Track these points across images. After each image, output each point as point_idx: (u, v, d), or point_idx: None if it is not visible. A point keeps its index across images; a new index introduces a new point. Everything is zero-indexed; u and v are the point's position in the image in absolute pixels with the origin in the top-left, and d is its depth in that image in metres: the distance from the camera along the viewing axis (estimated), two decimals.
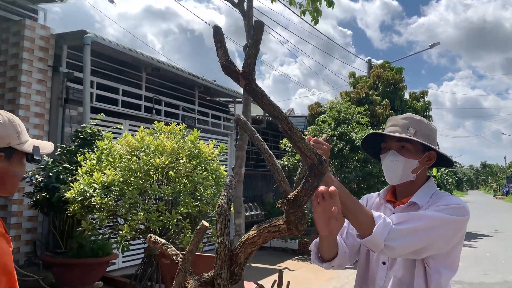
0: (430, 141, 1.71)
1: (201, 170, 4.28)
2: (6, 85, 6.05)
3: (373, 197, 1.88)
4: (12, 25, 6.10)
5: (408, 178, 1.70)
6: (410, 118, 1.73)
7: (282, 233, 1.31)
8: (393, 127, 1.73)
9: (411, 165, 1.69)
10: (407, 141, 1.68)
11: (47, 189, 4.72)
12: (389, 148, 1.73)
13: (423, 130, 1.70)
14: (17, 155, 1.39)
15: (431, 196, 1.69)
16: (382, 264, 1.70)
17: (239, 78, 1.16)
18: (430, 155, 1.72)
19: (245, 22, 3.98)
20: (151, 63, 7.51)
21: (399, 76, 15.60)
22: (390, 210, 1.73)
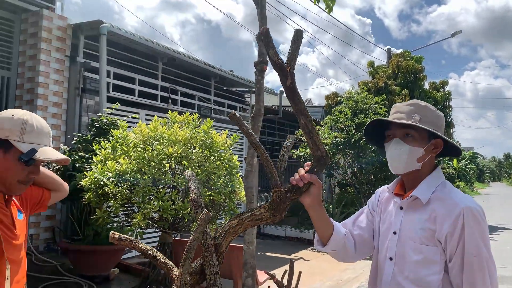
0: (437, 128, 1.63)
1: (214, 159, 4.29)
2: (25, 75, 6.15)
3: (384, 191, 1.82)
4: (30, 16, 6.19)
5: (414, 167, 1.63)
6: (415, 104, 1.66)
7: (265, 220, 1.47)
8: (398, 114, 1.65)
9: (416, 153, 1.61)
10: (411, 128, 1.61)
11: (64, 177, 4.81)
12: (394, 136, 1.65)
13: (429, 116, 1.63)
14: (14, 151, 1.42)
15: (435, 189, 1.61)
16: (389, 260, 1.65)
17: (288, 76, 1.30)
18: (436, 143, 1.64)
19: (258, 10, 3.94)
20: (167, 53, 7.54)
21: (419, 66, 15.31)
22: (397, 204, 1.68)
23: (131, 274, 5.67)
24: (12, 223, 1.51)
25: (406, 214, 1.63)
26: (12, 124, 1.42)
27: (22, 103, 6.12)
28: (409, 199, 1.63)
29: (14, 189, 1.49)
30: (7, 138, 1.41)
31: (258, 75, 3.91)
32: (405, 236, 1.61)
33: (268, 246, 9.37)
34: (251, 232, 4.03)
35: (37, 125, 1.47)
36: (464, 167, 37.96)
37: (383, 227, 1.71)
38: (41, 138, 1.47)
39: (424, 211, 1.59)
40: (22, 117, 1.45)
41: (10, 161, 1.43)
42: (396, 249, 1.62)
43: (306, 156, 10.36)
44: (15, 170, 1.44)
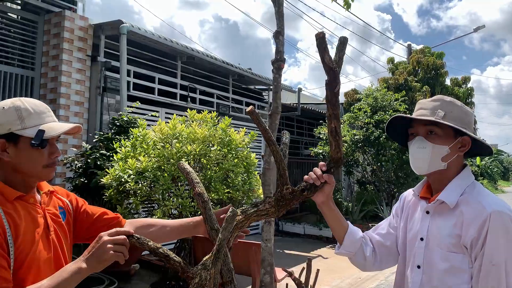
0: (464, 124, 1.51)
1: (232, 157, 4.33)
2: (48, 74, 6.31)
3: (410, 195, 1.71)
4: (53, 17, 6.33)
5: (438, 167, 1.52)
6: (440, 99, 1.55)
7: (270, 216, 1.51)
8: (421, 111, 1.55)
9: (441, 152, 1.50)
10: (434, 125, 1.50)
11: (86, 175, 4.93)
12: (416, 133, 1.55)
13: (455, 112, 1.51)
14: (24, 140, 1.36)
15: (463, 191, 1.50)
16: (416, 268, 1.55)
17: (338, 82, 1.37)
18: (463, 141, 1.52)
19: (275, 9, 3.94)
20: (186, 52, 7.61)
21: (440, 62, 15.06)
22: (424, 208, 1.58)
23: (151, 270, 5.76)
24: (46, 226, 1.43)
25: (433, 219, 1.54)
26: (7, 116, 1.34)
27: (45, 102, 6.22)
28: (435, 203, 1.53)
29: (44, 176, 1.42)
30: (10, 131, 1.34)
31: (275, 73, 3.92)
32: (432, 243, 1.52)
33: (287, 243, 9.38)
34: (269, 229, 4.05)
35: (32, 107, 1.38)
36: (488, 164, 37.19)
37: (410, 233, 1.62)
38: (42, 117, 1.39)
39: (452, 216, 1.48)
40: (13, 105, 1.36)
41: (25, 152, 1.36)
42: (424, 256, 1.54)
43: (324, 153, 10.32)
44: (35, 158, 1.37)
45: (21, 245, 1.31)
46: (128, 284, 5.07)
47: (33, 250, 1.34)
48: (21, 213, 1.35)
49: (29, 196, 1.41)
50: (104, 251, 1.24)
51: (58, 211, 1.51)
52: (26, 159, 1.36)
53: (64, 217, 1.53)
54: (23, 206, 1.38)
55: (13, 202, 1.35)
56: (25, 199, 1.40)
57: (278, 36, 3.92)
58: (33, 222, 1.38)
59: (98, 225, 1.61)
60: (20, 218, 1.33)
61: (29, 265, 1.31)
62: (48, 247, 1.40)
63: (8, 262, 1.26)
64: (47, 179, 1.46)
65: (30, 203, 1.41)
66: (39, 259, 1.35)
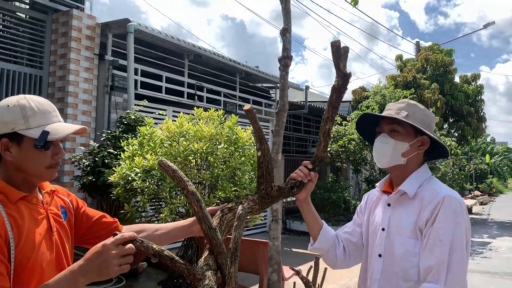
0: (424, 125, 1.67)
1: (239, 155, 4.32)
2: (56, 73, 6.34)
3: (374, 192, 1.87)
4: (60, 16, 6.36)
5: (398, 162, 1.68)
6: (405, 102, 1.72)
7: (254, 213, 1.58)
8: (388, 111, 1.72)
9: (401, 148, 1.66)
10: (397, 123, 1.67)
11: (93, 173, 4.95)
12: (382, 131, 1.72)
13: (417, 114, 1.68)
14: (28, 140, 1.33)
15: (421, 183, 1.65)
16: (378, 257, 1.68)
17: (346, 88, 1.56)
18: (422, 140, 1.68)
19: (282, 5, 3.92)
20: (193, 50, 7.61)
21: (449, 59, 14.92)
22: (385, 201, 1.73)
23: (159, 268, 5.78)
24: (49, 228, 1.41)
25: (394, 210, 1.68)
26: (12, 114, 1.31)
27: (53, 101, 6.30)
28: (396, 194, 1.67)
29: (46, 177, 1.40)
30: (14, 130, 1.31)
31: (282, 70, 3.90)
32: (393, 231, 1.64)
33: (294, 241, 9.36)
34: (276, 227, 4.04)
35: (37, 106, 1.35)
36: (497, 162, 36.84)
37: (373, 225, 1.75)
38: (48, 117, 1.36)
39: (411, 205, 1.63)
40: (18, 103, 1.33)
41: (28, 152, 1.32)
42: (385, 245, 1.66)
43: (332, 152, 10.28)
44: (38, 159, 1.34)
45: (24, 247, 1.28)
46: (136, 282, 5.09)
47: (36, 252, 1.31)
48: (24, 214, 1.33)
49: (31, 196, 1.39)
50: (108, 266, 1.17)
51: (59, 211, 1.49)
52: (29, 160, 1.33)
53: (65, 216, 1.51)
54: (26, 206, 1.36)
55: (16, 203, 1.33)
56: (28, 200, 1.37)
57: (285, 33, 3.90)
58: (36, 223, 1.35)
59: (97, 228, 1.60)
60: (23, 219, 1.31)
61: (32, 268, 1.30)
62: (51, 248, 1.38)
63: (7, 268, 1.23)
64: (50, 179, 1.44)
65: (33, 203, 1.39)
66: (42, 261, 1.33)
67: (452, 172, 18.86)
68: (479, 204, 22.84)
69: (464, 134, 15.18)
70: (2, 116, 1.31)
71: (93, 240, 1.56)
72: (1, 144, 1.31)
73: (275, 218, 4.01)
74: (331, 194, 10.98)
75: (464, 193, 24.30)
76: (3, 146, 1.32)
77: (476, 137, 16.28)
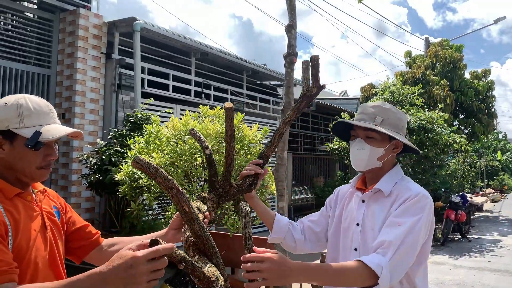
0: (398, 129, 1.76)
1: (245, 153, 4.30)
2: (63, 72, 6.38)
3: (345, 188, 1.94)
4: (68, 15, 6.40)
5: (374, 166, 1.76)
6: (378, 106, 1.77)
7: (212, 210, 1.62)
8: (361, 115, 1.78)
9: (377, 153, 1.74)
10: (372, 130, 1.73)
11: (101, 171, 4.97)
12: (357, 136, 1.78)
13: (391, 119, 1.75)
14: (20, 139, 1.35)
15: (395, 182, 1.74)
16: (354, 251, 1.74)
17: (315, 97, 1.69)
18: (396, 144, 1.77)
19: (287, 2, 3.90)
20: (200, 49, 7.61)
21: (459, 55, 14.76)
22: (358, 197, 1.80)
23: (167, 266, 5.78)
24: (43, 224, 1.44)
25: (368, 206, 1.75)
26: (7, 112, 1.34)
27: (61, 99, 6.35)
28: (371, 192, 1.75)
29: (37, 177, 1.42)
30: (8, 128, 1.33)
31: (287, 67, 3.88)
32: (367, 227, 1.72)
33: None
34: None
35: (34, 106, 1.37)
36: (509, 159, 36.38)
37: (346, 220, 1.81)
38: (43, 118, 1.38)
39: (386, 202, 1.71)
40: (16, 102, 1.35)
41: (19, 151, 1.35)
42: (360, 240, 1.73)
43: (340, 149, 10.23)
44: (29, 158, 1.36)
45: (20, 242, 1.31)
46: None
47: (31, 247, 1.34)
48: (20, 210, 1.35)
49: (26, 194, 1.42)
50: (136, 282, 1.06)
51: (53, 210, 1.52)
52: (20, 158, 1.36)
53: (58, 217, 1.54)
54: (22, 203, 1.38)
55: (12, 199, 1.35)
56: (23, 196, 1.40)
57: (290, 29, 3.88)
58: (31, 219, 1.38)
59: (78, 236, 1.62)
60: (19, 215, 1.34)
61: (27, 263, 1.32)
62: (45, 244, 1.41)
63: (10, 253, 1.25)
64: (40, 180, 1.46)
65: (28, 200, 1.42)
66: (36, 257, 1.35)
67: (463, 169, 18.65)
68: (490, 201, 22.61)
69: (475, 131, 15.03)
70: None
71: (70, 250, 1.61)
72: None
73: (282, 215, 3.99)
74: None
75: (475, 191, 24.04)
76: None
77: (487, 134, 16.11)
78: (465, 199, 11.78)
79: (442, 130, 9.39)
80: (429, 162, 10.07)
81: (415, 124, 9.14)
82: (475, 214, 15.72)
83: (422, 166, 10.20)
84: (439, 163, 10.23)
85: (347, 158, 10.55)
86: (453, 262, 8.36)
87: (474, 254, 9.16)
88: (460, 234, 11.21)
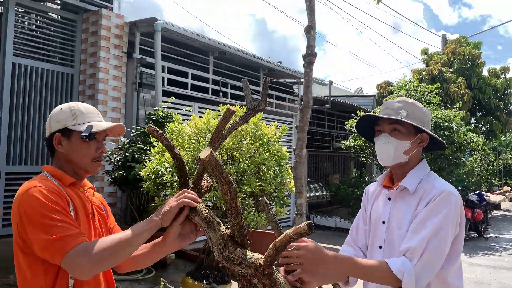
0: (423, 123, 1.75)
1: (264, 151, 4.41)
2: (86, 71, 6.57)
3: (373, 186, 1.95)
4: (90, 15, 6.58)
5: (401, 160, 1.74)
6: (403, 101, 1.77)
7: None
8: (387, 110, 1.78)
9: (403, 146, 1.73)
10: (398, 123, 1.73)
11: (124, 168, 5.14)
12: (382, 130, 1.77)
13: (416, 113, 1.74)
14: (76, 134, 1.60)
15: (421, 179, 1.73)
16: (378, 248, 1.76)
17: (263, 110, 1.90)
18: (422, 137, 1.76)
19: (306, 3, 3.97)
20: (218, 47, 7.73)
21: (477, 52, 14.60)
22: (385, 195, 1.80)
23: (187, 260, 5.95)
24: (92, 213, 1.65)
25: (394, 204, 1.74)
26: (64, 114, 1.61)
27: (84, 98, 6.54)
28: (397, 190, 1.74)
29: (91, 169, 1.64)
30: (65, 126, 1.60)
31: (306, 67, 3.96)
32: (393, 225, 1.72)
33: (318, 236, 9.42)
34: (301, 221, 4.11)
35: (85, 108, 1.65)
36: None
37: (373, 218, 1.83)
38: (92, 117, 1.65)
39: (412, 200, 1.69)
40: (69, 106, 1.64)
41: (76, 144, 1.60)
42: (385, 238, 1.73)
43: (356, 147, 10.26)
44: (84, 151, 1.60)
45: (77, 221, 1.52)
46: (165, 273, 5.27)
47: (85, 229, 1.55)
48: (75, 197, 1.58)
49: (79, 185, 1.65)
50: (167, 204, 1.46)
51: (101, 205, 1.75)
52: (77, 151, 1.60)
53: (105, 212, 1.76)
54: (75, 192, 1.61)
55: (68, 188, 1.58)
56: (77, 186, 1.63)
57: (309, 30, 3.96)
58: (83, 207, 1.61)
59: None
60: (74, 200, 1.56)
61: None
62: (95, 231, 1.63)
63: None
64: (93, 173, 1.68)
65: (81, 191, 1.65)
66: (89, 238, 1.55)
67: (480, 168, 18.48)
68: (507, 200, 22.31)
69: (493, 129, 14.87)
70: (56, 117, 1.62)
71: None
72: (55, 138, 1.60)
73: (299, 212, 4.08)
74: (355, 189, 10.97)
75: (493, 189, 23.75)
76: (57, 140, 1.61)
77: (505, 132, 15.93)
78: (482, 198, 11.71)
79: (459, 128, 9.35)
80: (446, 160, 10.04)
81: (431, 122, 9.13)
82: (492, 213, 15.58)
83: (439, 164, 10.16)
84: (455, 161, 10.18)
85: (363, 156, 10.59)
86: (470, 260, 8.36)
87: (491, 253, 9.13)
88: (477, 233, 11.16)
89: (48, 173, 1.59)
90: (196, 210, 1.43)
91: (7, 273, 4.09)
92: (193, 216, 1.44)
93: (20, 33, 6.16)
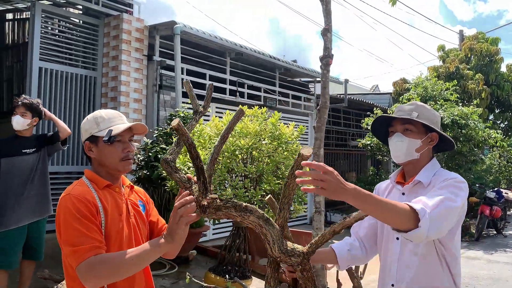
0: (433, 123, 1.89)
1: (282, 150, 4.54)
2: (108, 74, 6.78)
3: (384, 184, 2.10)
4: (112, 20, 6.79)
5: (413, 157, 1.89)
6: (414, 104, 1.94)
7: None
8: (399, 113, 1.94)
9: (415, 144, 1.87)
10: (410, 123, 1.89)
11: (147, 167, 5.32)
12: (395, 131, 1.93)
13: (426, 114, 1.90)
14: (100, 139, 1.75)
15: (434, 174, 1.87)
16: (396, 239, 1.88)
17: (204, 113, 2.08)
18: (432, 136, 1.91)
19: (323, 7, 4.10)
20: (235, 49, 7.87)
21: (495, 48, 14.46)
22: (399, 190, 1.94)
23: (208, 256, 6.12)
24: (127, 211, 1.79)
25: (408, 199, 1.78)
26: (89, 123, 1.78)
27: (107, 100, 6.76)
28: (411, 184, 1.89)
29: (122, 168, 1.76)
30: (91, 134, 1.76)
31: (323, 69, 4.08)
32: None
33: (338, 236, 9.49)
34: (319, 219, 4.24)
35: (106, 114, 1.79)
36: None
37: None
38: (115, 121, 1.78)
39: (425, 193, 1.75)
40: (93, 115, 1.80)
41: (103, 148, 1.74)
42: None
43: (372, 145, 10.31)
44: (111, 153, 1.74)
45: (109, 223, 1.68)
46: (187, 269, 5.44)
47: (117, 228, 1.70)
48: (108, 199, 1.73)
49: (114, 186, 1.79)
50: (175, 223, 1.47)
51: (138, 202, 1.88)
52: (104, 155, 1.75)
53: (143, 209, 1.90)
54: (110, 193, 1.76)
55: (103, 190, 1.74)
56: (112, 188, 1.77)
57: (326, 33, 4.08)
58: (117, 206, 1.75)
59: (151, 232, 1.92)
60: (107, 202, 1.71)
61: (114, 239, 1.68)
62: (129, 227, 1.77)
63: (101, 232, 1.63)
64: (125, 171, 1.80)
65: (116, 191, 1.79)
66: (122, 236, 1.71)
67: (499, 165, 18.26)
68: None
69: (511, 125, 14.72)
70: (84, 126, 1.80)
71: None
72: (86, 146, 1.78)
73: (318, 209, 4.21)
74: (372, 187, 10.97)
75: None
76: (87, 148, 1.78)
77: None
78: (501, 195, 11.62)
79: (476, 125, 9.32)
80: (463, 157, 10.01)
81: (448, 119, 9.12)
82: (511, 210, 15.41)
83: (456, 162, 10.14)
84: (473, 158, 10.14)
85: (380, 154, 10.62)
86: (488, 257, 8.35)
87: (510, 250, 9.10)
88: (496, 230, 11.09)
89: (86, 177, 1.76)
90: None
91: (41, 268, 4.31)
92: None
93: (45, 39, 6.39)
